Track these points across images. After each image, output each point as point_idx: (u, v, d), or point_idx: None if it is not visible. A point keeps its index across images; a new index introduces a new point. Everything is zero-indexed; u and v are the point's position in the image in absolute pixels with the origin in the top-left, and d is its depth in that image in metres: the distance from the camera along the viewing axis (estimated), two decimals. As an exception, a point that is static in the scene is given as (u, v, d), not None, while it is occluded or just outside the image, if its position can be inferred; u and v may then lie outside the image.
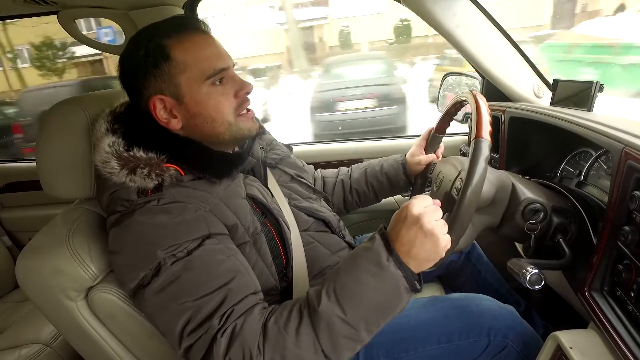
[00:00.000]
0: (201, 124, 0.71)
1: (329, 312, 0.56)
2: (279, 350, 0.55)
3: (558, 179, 0.96)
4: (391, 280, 0.57)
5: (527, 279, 0.64)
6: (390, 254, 0.57)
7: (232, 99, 0.72)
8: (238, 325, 0.57)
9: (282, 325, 0.57)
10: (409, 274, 0.57)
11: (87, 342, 0.74)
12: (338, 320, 0.56)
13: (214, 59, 0.70)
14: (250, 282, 0.64)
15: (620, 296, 0.64)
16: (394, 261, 0.57)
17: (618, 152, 0.64)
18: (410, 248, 0.57)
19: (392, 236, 0.59)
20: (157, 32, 0.69)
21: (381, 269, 0.57)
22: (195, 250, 0.62)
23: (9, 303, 1.44)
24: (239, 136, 0.75)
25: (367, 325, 0.57)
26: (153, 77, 0.69)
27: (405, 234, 0.58)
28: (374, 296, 0.57)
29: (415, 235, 0.57)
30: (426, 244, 0.57)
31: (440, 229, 0.58)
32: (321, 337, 0.56)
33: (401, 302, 0.58)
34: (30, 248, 0.72)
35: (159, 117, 0.70)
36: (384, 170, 1.04)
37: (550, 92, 1.05)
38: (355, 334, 0.57)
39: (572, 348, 0.63)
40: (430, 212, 0.58)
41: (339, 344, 0.57)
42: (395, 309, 0.59)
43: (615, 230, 0.64)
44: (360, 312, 0.57)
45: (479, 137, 0.62)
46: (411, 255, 0.58)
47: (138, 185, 0.66)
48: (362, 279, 0.57)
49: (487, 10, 1.05)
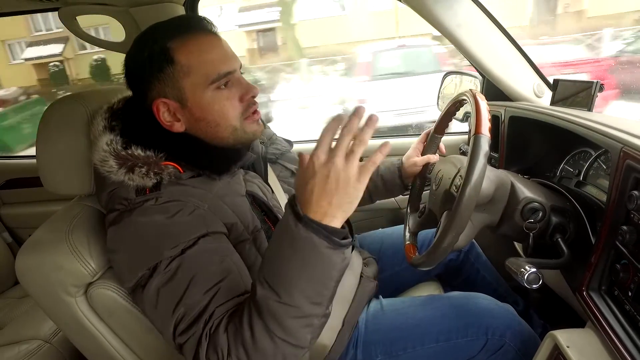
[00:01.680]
0: (205, 127, 0.71)
1: (265, 298, 0.54)
2: (241, 345, 0.54)
3: (557, 178, 0.96)
4: (306, 245, 0.51)
5: (525, 278, 0.64)
6: (298, 219, 0.51)
7: (237, 103, 0.71)
8: (213, 326, 0.57)
9: (237, 322, 0.56)
10: (326, 232, 0.51)
11: (86, 337, 0.74)
12: (275, 304, 0.53)
13: (218, 63, 0.68)
14: (239, 284, 0.63)
15: (617, 296, 0.64)
16: (302, 225, 0.51)
17: (617, 152, 0.64)
18: (320, 201, 0.51)
19: (300, 200, 0.53)
20: (162, 34, 0.68)
21: (293, 238, 0.52)
22: (189, 249, 0.61)
23: (9, 299, 1.45)
24: (244, 140, 0.74)
25: (309, 299, 0.54)
26: (157, 80, 0.68)
27: (309, 190, 0.52)
28: (298, 268, 0.52)
29: (320, 185, 0.51)
30: (334, 189, 0.51)
31: (339, 164, 0.51)
32: (269, 323, 0.54)
33: (331, 262, 0.53)
34: (30, 244, 0.72)
35: (162, 120, 0.70)
36: (380, 172, 1.04)
37: (550, 92, 1.05)
38: (300, 311, 0.54)
39: (570, 347, 0.63)
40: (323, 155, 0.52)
41: (290, 326, 0.54)
42: (330, 272, 0.53)
43: (613, 230, 0.64)
44: (292, 288, 0.53)
45: (479, 133, 0.62)
46: (326, 208, 0.51)
47: (137, 184, 0.66)
48: (280, 254, 0.54)
49: (488, 9, 1.05)
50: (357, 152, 0.51)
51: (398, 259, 1.06)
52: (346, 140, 0.51)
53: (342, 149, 0.51)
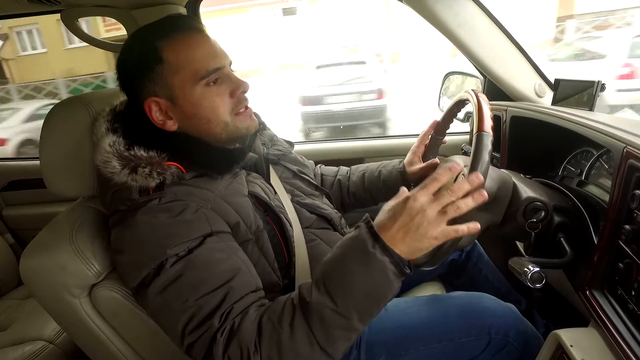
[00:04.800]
0: (197, 124, 0.71)
1: (320, 304, 0.56)
2: (275, 345, 0.55)
3: (559, 178, 0.96)
4: (378, 267, 0.55)
5: (529, 277, 0.64)
6: (376, 241, 0.56)
7: (228, 98, 0.72)
8: (236, 323, 0.57)
9: (276, 321, 0.57)
10: (397, 259, 0.56)
11: (90, 339, 0.75)
12: (330, 312, 0.55)
13: (207, 59, 0.69)
14: (251, 280, 0.64)
15: (620, 295, 0.64)
16: (379, 248, 0.55)
17: (619, 152, 0.64)
18: (396, 234, 0.56)
19: (379, 223, 0.58)
20: (150, 34, 0.69)
21: (367, 257, 0.56)
22: (196, 249, 0.62)
23: (13, 300, 1.45)
24: (237, 135, 0.75)
25: (360, 314, 0.57)
26: (147, 79, 0.69)
27: (391, 220, 0.56)
28: (363, 284, 0.56)
29: (403, 221, 0.56)
30: (412, 231, 0.55)
31: (429, 216, 0.55)
32: (315, 329, 0.56)
33: (391, 288, 0.57)
34: (34, 245, 0.72)
35: (154, 119, 0.70)
36: (382, 177, 1.03)
37: (551, 92, 1.05)
38: (349, 324, 0.56)
39: (573, 346, 0.63)
40: (422, 200, 0.56)
41: (333, 335, 0.56)
42: (386, 296, 0.57)
43: (616, 229, 0.64)
44: (350, 301, 0.56)
45: (481, 131, 0.62)
46: (399, 242, 0.56)
47: (140, 184, 0.66)
48: (349, 268, 0.56)
49: (488, 9, 1.05)
50: (448, 214, 0.55)
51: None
52: (446, 200, 0.56)
53: (439, 204, 0.55)
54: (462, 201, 0.56)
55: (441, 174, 0.57)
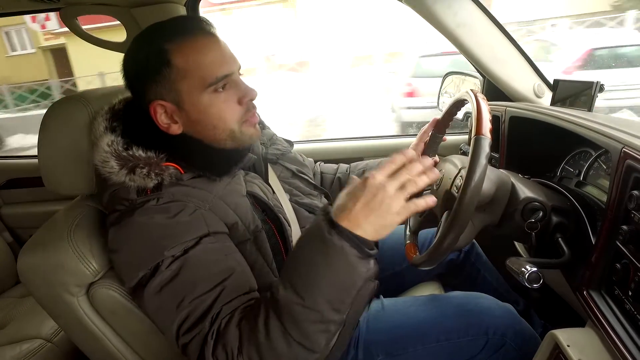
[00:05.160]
0: (202, 130, 0.71)
1: (287, 301, 0.54)
2: (254, 346, 0.55)
3: (558, 178, 0.96)
4: (337, 253, 0.53)
5: (526, 277, 0.64)
6: (332, 227, 0.53)
7: (235, 105, 0.71)
8: (222, 325, 0.57)
9: (252, 322, 0.56)
10: (357, 242, 0.53)
11: (87, 337, 0.75)
12: (298, 307, 0.54)
13: (216, 66, 0.68)
14: (244, 282, 0.64)
15: (618, 295, 0.64)
16: (336, 233, 0.53)
17: (617, 152, 0.64)
18: (359, 213, 0.54)
19: (338, 207, 0.56)
20: (159, 35, 0.68)
21: (325, 244, 0.53)
22: (191, 249, 0.62)
23: (10, 299, 1.45)
24: (241, 142, 0.74)
25: (331, 304, 0.55)
26: (154, 82, 0.68)
27: (352, 201, 0.55)
28: (326, 273, 0.53)
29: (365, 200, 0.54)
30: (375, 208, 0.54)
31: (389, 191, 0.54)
32: (288, 326, 0.54)
33: (358, 271, 0.54)
34: (32, 243, 0.72)
35: (159, 122, 0.70)
36: None
37: (550, 92, 1.05)
38: (320, 316, 0.55)
39: (570, 346, 0.63)
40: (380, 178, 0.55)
41: (308, 330, 0.55)
42: (355, 281, 0.55)
43: (613, 230, 0.64)
44: (317, 293, 0.54)
45: (480, 135, 0.62)
46: (363, 221, 0.54)
47: (138, 185, 0.66)
48: (310, 259, 0.55)
49: (487, 9, 1.05)
50: (407, 189, 0.55)
51: (399, 258, 1.06)
52: (404, 177, 0.56)
53: (398, 181, 0.55)
54: (417, 178, 0.56)
55: (395, 156, 0.58)
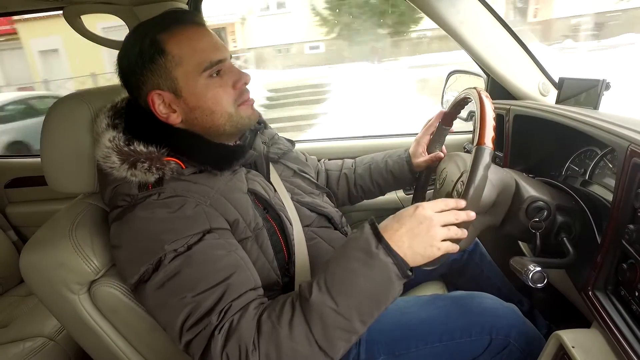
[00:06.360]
0: (201, 116, 0.71)
1: (320, 303, 0.55)
2: (274, 344, 0.55)
3: (563, 177, 0.95)
4: (381, 268, 0.56)
5: (530, 277, 0.64)
6: (379, 241, 0.57)
7: (231, 90, 0.72)
8: (234, 321, 0.57)
9: (275, 319, 0.56)
10: (400, 261, 0.56)
11: (89, 335, 0.75)
12: (330, 311, 0.55)
13: (209, 51, 0.70)
14: (249, 277, 0.64)
15: (624, 296, 0.63)
16: (383, 248, 0.56)
17: (624, 150, 0.63)
18: (403, 236, 0.58)
19: (384, 225, 0.60)
20: (151, 28, 0.69)
21: (370, 257, 0.56)
22: (195, 245, 0.62)
23: (14, 297, 1.46)
24: (240, 126, 0.75)
25: (361, 316, 0.57)
26: (150, 72, 0.69)
27: (398, 223, 0.59)
28: (365, 285, 0.56)
29: (411, 225, 0.58)
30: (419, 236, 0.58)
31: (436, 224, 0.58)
32: (314, 329, 0.55)
33: (393, 289, 0.57)
34: (33, 242, 0.72)
35: (158, 112, 0.70)
36: (389, 167, 1.04)
37: (555, 90, 1.04)
38: (349, 325, 0.56)
39: (575, 347, 0.63)
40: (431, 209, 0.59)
41: (333, 335, 0.56)
42: (388, 297, 0.58)
43: (619, 229, 0.63)
44: (351, 301, 0.56)
45: (481, 145, 0.62)
46: (403, 245, 0.57)
47: (139, 180, 0.66)
48: (351, 268, 0.56)
49: (491, 6, 1.04)
50: (451, 232, 0.60)
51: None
52: (451, 218, 0.60)
53: (446, 220, 0.60)
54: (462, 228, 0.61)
55: (450, 201, 0.62)
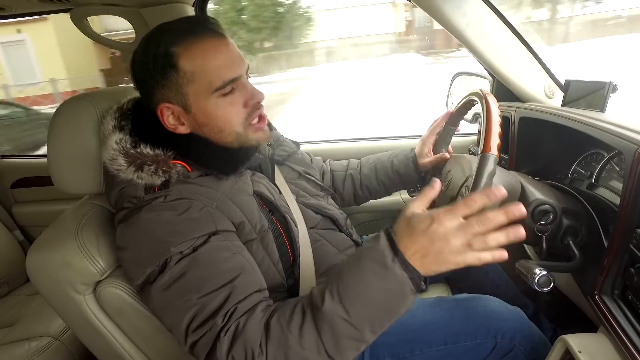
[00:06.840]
0: (209, 132, 0.71)
1: (332, 313, 0.55)
2: (282, 348, 0.55)
3: (569, 180, 0.95)
4: (396, 281, 0.53)
5: (536, 281, 0.63)
6: (395, 255, 0.54)
7: (241, 108, 0.71)
8: (241, 323, 0.57)
9: (284, 324, 0.56)
10: (415, 275, 0.53)
11: (94, 335, 0.75)
12: (341, 321, 0.54)
13: (223, 69, 0.67)
14: (255, 279, 0.64)
15: (631, 300, 0.63)
16: (399, 262, 0.53)
17: (631, 154, 0.62)
18: (414, 254, 0.53)
19: (399, 236, 0.55)
20: (166, 37, 0.67)
21: (386, 270, 0.54)
22: (201, 247, 0.62)
23: (21, 296, 1.47)
24: (247, 145, 0.74)
25: (372, 327, 0.56)
26: (161, 85, 0.68)
27: (410, 239, 0.54)
28: (378, 297, 0.54)
29: (422, 244, 0.53)
30: (431, 255, 0.52)
31: (452, 245, 0.51)
32: (324, 337, 0.55)
33: (406, 302, 0.56)
34: (39, 242, 0.73)
35: (166, 124, 0.70)
36: (395, 167, 1.03)
37: (561, 93, 1.03)
38: (359, 335, 0.55)
39: (582, 352, 0.62)
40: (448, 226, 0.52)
41: (343, 345, 0.56)
42: (400, 310, 0.56)
43: (627, 233, 0.62)
44: (364, 313, 0.55)
45: (486, 152, 0.61)
46: (418, 258, 0.53)
47: (145, 182, 0.67)
48: (366, 280, 0.55)
49: (497, 8, 1.03)
50: (474, 247, 0.51)
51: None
52: (475, 230, 0.50)
53: (465, 235, 0.51)
54: (492, 236, 0.50)
55: (475, 199, 0.51)
